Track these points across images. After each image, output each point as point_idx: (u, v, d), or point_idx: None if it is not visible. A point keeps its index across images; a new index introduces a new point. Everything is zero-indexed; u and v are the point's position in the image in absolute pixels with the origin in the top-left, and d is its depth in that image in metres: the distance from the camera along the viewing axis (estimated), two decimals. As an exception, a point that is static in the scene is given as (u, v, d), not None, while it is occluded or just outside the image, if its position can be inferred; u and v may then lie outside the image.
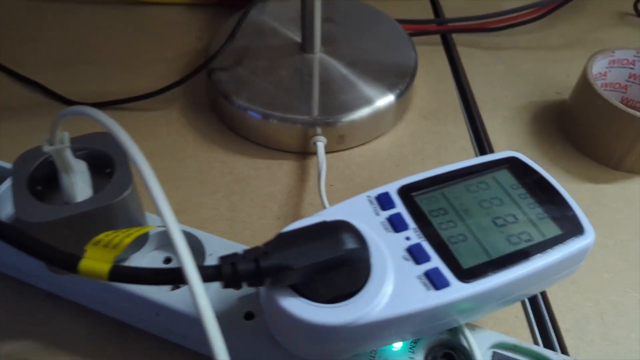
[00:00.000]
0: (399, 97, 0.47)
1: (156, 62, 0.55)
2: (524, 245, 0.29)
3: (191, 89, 0.51)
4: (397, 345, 0.30)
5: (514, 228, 0.30)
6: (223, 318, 0.31)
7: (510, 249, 0.28)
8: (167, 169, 0.45)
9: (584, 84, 0.46)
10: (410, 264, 0.27)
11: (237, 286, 0.24)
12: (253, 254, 0.24)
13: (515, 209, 0.30)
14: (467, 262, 0.28)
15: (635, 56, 0.48)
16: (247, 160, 0.45)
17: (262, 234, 0.40)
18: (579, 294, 0.37)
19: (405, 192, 0.31)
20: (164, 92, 0.49)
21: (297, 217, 0.41)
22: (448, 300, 0.26)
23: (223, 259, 0.24)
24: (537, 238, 0.29)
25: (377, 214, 0.30)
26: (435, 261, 0.28)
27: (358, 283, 0.26)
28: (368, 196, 0.31)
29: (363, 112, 0.45)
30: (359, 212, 0.30)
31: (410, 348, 0.29)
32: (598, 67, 0.48)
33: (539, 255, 0.28)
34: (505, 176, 0.32)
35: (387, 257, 0.27)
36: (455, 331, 0.30)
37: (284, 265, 0.24)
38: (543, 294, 0.37)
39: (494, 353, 0.30)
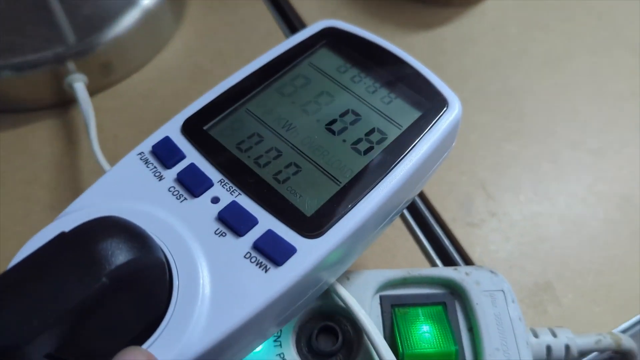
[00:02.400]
0: (168, -12, 0.35)
1: None
2: (378, 149, 0.20)
3: None
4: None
5: (359, 128, 0.21)
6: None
7: (363, 162, 0.20)
8: None
9: None
10: (230, 239, 0.18)
11: None
12: None
13: (353, 100, 0.21)
14: (310, 205, 0.19)
15: None
16: (-15, 140, 0.32)
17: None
18: (451, 169, 0.30)
19: (194, 128, 0.20)
20: None
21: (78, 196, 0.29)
22: (299, 274, 0.17)
23: None
24: (393, 132, 0.20)
25: (161, 178, 0.19)
26: (266, 221, 0.18)
27: (156, 306, 0.16)
28: (140, 153, 0.20)
29: (126, 21, 0.33)
30: (132, 186, 0.19)
31: (275, 341, 0.21)
32: None
33: (402, 156, 0.20)
34: (325, 57, 0.23)
35: (192, 245, 0.17)
36: (326, 292, 0.21)
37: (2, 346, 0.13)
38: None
39: (381, 298, 0.22)
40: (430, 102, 0.21)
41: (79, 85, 0.31)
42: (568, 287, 0.27)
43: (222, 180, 0.19)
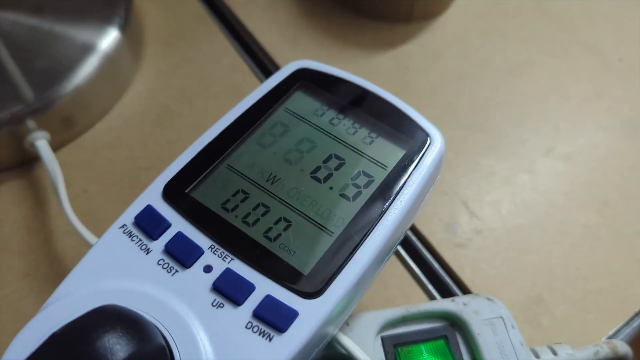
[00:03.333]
0: (123, 29, 0.34)
1: None
2: (367, 194, 0.20)
3: None
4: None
5: (344, 173, 0.20)
6: None
7: (353, 208, 0.19)
8: None
9: None
10: (229, 309, 0.17)
11: None
12: None
13: (334, 144, 0.21)
14: (306, 262, 0.18)
15: None
16: (-56, 210, 0.30)
17: (13, 315, 0.27)
18: (433, 191, 0.30)
19: (176, 193, 0.20)
20: None
21: (53, 260, 0.28)
22: (305, 338, 0.17)
23: None
24: (379, 174, 0.20)
25: (149, 251, 0.18)
26: (263, 285, 0.18)
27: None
28: (123, 226, 0.19)
29: (84, 69, 0.31)
30: (118, 263, 0.18)
31: (281, 398, 0.20)
32: None
33: (392, 198, 0.19)
34: (301, 101, 0.22)
35: (190, 321, 0.17)
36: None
37: None
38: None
39: (383, 339, 0.22)
40: (412, 139, 0.21)
41: (42, 143, 0.30)
42: (559, 298, 0.27)
43: (213, 246, 0.18)
